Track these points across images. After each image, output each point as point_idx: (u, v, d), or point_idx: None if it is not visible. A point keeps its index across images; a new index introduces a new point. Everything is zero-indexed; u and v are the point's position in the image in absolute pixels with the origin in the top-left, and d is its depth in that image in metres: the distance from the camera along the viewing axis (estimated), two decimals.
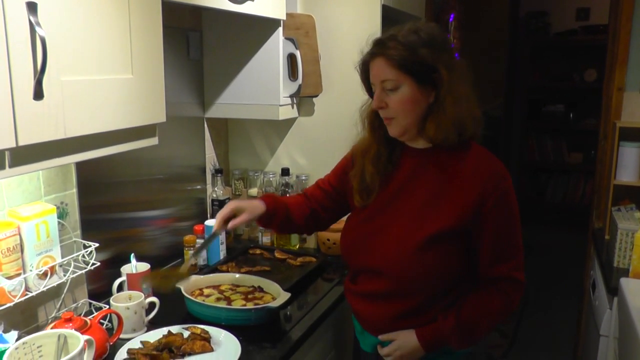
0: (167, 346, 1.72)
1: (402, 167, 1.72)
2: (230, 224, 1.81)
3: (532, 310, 4.48)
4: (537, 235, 5.53)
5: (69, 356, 1.38)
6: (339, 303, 2.21)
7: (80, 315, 1.95)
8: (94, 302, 2.01)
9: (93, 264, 1.86)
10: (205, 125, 2.72)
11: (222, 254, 2.51)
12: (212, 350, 1.74)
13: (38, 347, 1.50)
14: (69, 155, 1.50)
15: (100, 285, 2.11)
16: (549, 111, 6.62)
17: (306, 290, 2.27)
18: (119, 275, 2.06)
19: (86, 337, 1.51)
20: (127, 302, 1.89)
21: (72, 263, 1.81)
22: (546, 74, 6.54)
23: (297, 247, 2.69)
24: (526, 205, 5.54)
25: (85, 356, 1.52)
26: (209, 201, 2.76)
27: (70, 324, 1.62)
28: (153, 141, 1.76)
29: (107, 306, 1.91)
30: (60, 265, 1.79)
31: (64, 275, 1.79)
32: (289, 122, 2.77)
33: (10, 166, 1.33)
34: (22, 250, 1.67)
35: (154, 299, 1.94)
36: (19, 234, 1.66)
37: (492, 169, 1.63)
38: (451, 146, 1.63)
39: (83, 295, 2.05)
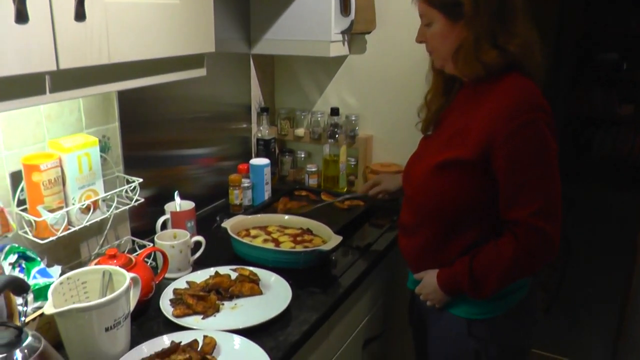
0: (214, 287, 1.64)
1: (455, 100, 1.69)
2: (371, 192, 2.12)
3: (576, 266, 4.33)
4: (581, 190, 5.31)
5: (115, 293, 1.30)
6: (390, 250, 2.11)
7: (123, 252, 1.89)
8: (137, 240, 1.94)
9: (137, 199, 1.78)
10: (252, 62, 2.60)
11: (267, 194, 2.41)
12: (261, 293, 1.66)
13: (83, 283, 1.43)
14: (112, 82, 1.40)
15: (142, 223, 2.04)
16: (600, 59, 6.30)
17: (354, 235, 2.17)
18: (162, 213, 1.98)
19: (132, 274, 1.43)
20: (172, 240, 1.81)
21: (116, 198, 1.73)
22: (600, 19, 6.20)
23: (345, 189, 2.58)
24: (571, 158, 5.30)
25: (131, 294, 1.45)
26: (253, 140, 2.65)
27: (115, 261, 1.54)
28: (201, 72, 1.65)
29: (151, 244, 1.84)
30: (103, 200, 1.71)
31: (107, 211, 1.71)
32: (339, 60, 2.62)
33: (51, 91, 1.24)
34: (63, 183, 1.59)
35: (199, 238, 1.85)
36: (61, 166, 1.57)
37: (510, 102, 1.49)
38: (488, 79, 1.55)
39: (126, 232, 1.99)
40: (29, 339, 1.03)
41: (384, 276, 2.18)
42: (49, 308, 1.26)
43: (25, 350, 1.01)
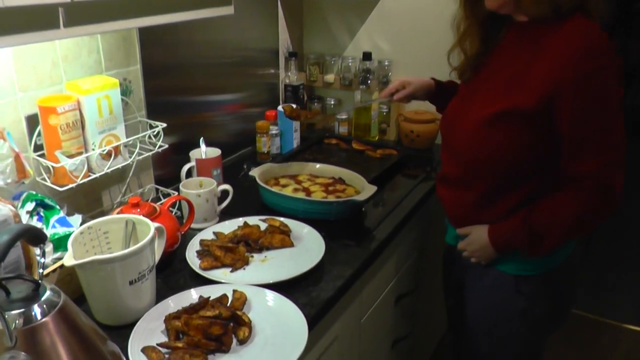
0: (243, 239, 1.55)
1: (504, 42, 1.53)
2: (396, 96, 1.83)
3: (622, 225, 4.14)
4: None
5: (139, 244, 1.21)
6: (425, 201, 2.00)
7: (147, 201, 1.80)
8: (161, 188, 1.85)
9: (161, 145, 1.68)
10: (279, 4, 2.45)
11: (296, 142, 2.31)
12: (292, 245, 1.57)
13: (105, 233, 1.35)
14: (131, 18, 1.30)
15: (166, 171, 1.95)
16: (637, 8, 6.00)
17: (387, 185, 2.06)
18: (187, 161, 1.88)
19: (156, 224, 1.34)
20: (198, 189, 1.72)
21: (138, 144, 1.63)
22: None
23: (377, 138, 2.46)
24: None
25: (156, 245, 1.36)
26: (281, 87, 2.53)
27: (138, 210, 1.45)
28: (228, 10, 1.54)
29: (176, 193, 1.74)
30: (125, 146, 1.61)
31: (130, 157, 1.62)
32: (372, 2, 2.47)
33: (65, 25, 1.14)
34: (82, 127, 1.50)
35: (227, 186, 1.76)
36: (79, 109, 1.48)
37: (579, 45, 1.33)
38: (551, 20, 1.39)
39: (149, 180, 1.90)
40: (48, 293, 0.94)
41: (417, 230, 2.08)
42: (68, 259, 1.18)
43: (44, 306, 0.92)
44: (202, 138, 1.91)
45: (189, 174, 1.87)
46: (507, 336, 1.63)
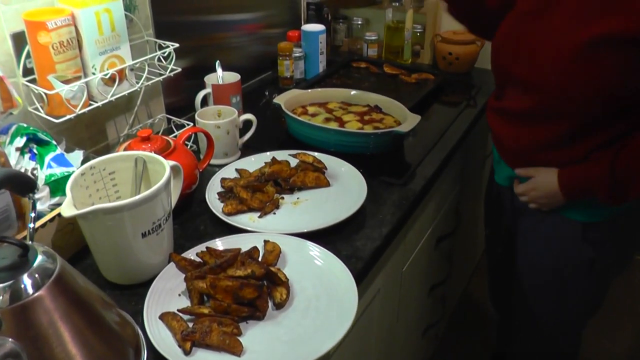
0: (272, 177, 1.33)
1: None
2: None
3: None
4: None
5: (153, 189, 0.99)
6: (470, 132, 1.77)
7: (158, 133, 1.58)
8: (174, 119, 1.62)
9: (172, 69, 1.44)
10: None
11: (322, 66, 2.05)
12: (328, 185, 1.35)
13: (110, 174, 1.13)
14: None
15: (179, 98, 1.72)
16: None
17: (426, 114, 1.82)
18: (202, 87, 1.65)
19: (172, 162, 1.12)
20: (217, 119, 1.49)
21: (146, 67, 1.39)
22: None
23: (409, 61, 2.20)
24: None
25: (172, 187, 1.14)
26: (303, 4, 2.25)
27: (149, 145, 1.23)
28: None
29: (191, 124, 1.52)
30: (132, 69, 1.37)
31: (137, 83, 1.38)
32: None
33: None
34: (80, 47, 1.26)
35: (250, 116, 1.53)
36: (74, 25, 1.23)
37: None
38: None
39: (160, 109, 1.67)
40: (40, 258, 0.73)
41: (459, 164, 1.85)
42: (67, 208, 0.96)
43: (36, 275, 0.72)
44: (218, 61, 1.67)
45: (204, 102, 1.64)
46: (571, 288, 1.44)
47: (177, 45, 1.44)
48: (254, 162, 1.43)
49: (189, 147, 1.51)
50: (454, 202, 1.89)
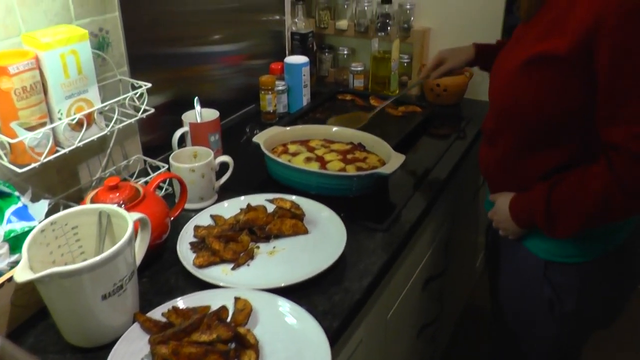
0: (246, 226, 1.27)
1: None
2: (433, 74, 1.71)
3: None
4: None
5: (114, 248, 0.93)
6: (459, 167, 1.71)
7: (133, 175, 1.53)
8: (149, 160, 1.56)
9: (145, 110, 1.38)
10: None
11: (306, 99, 2.00)
12: (306, 232, 1.29)
13: (73, 229, 1.07)
14: None
15: (157, 136, 1.67)
16: None
17: (413, 149, 1.77)
18: (180, 124, 1.59)
19: (137, 215, 1.06)
20: (192, 161, 1.44)
21: (117, 109, 1.34)
22: None
23: (397, 92, 2.16)
24: None
25: (138, 242, 1.09)
26: (287, 35, 2.21)
27: (117, 194, 1.17)
28: None
29: (166, 165, 1.46)
30: (101, 112, 1.32)
31: (107, 126, 1.32)
32: None
33: None
34: (45, 92, 1.20)
35: (226, 158, 1.47)
36: (39, 68, 1.18)
37: None
38: None
39: (136, 149, 1.61)
40: None
41: (450, 199, 1.80)
42: (22, 272, 0.90)
43: None
44: (197, 98, 1.62)
45: (182, 140, 1.59)
46: (532, 326, 1.40)
47: (149, 85, 1.39)
48: (231, 207, 1.37)
49: (163, 189, 1.46)
50: (443, 239, 1.83)
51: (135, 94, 1.37)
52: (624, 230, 1.30)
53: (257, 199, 1.37)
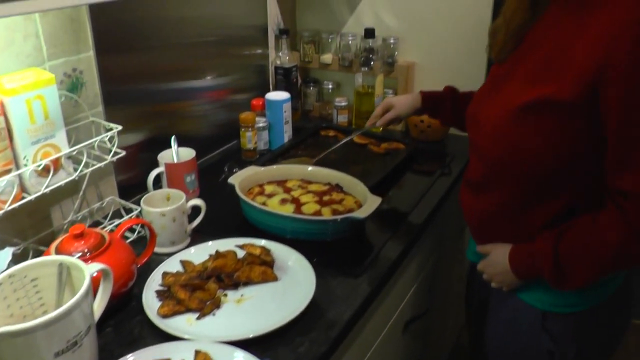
0: (214, 273, 1.25)
1: (545, 16, 1.20)
2: (379, 122, 1.72)
3: None
4: None
5: (69, 304, 0.91)
6: (442, 205, 1.69)
7: (107, 216, 1.51)
8: (122, 202, 1.54)
9: (116, 153, 1.37)
10: None
11: (287, 135, 1.99)
12: (275, 279, 1.27)
13: (32, 281, 1.05)
14: None
15: (134, 174, 1.65)
16: None
17: (396, 185, 1.75)
18: (157, 162, 1.58)
19: (97, 267, 1.04)
20: (164, 204, 1.42)
21: (86, 153, 1.32)
22: None
23: (381, 129, 2.14)
24: None
25: (99, 292, 1.07)
26: (271, 69, 2.20)
27: (82, 242, 1.16)
28: None
29: (139, 208, 1.44)
30: (69, 157, 1.31)
31: (75, 171, 1.31)
32: None
33: None
34: (10, 137, 1.19)
35: (198, 201, 1.45)
36: (4, 115, 1.17)
37: (636, 16, 1.00)
38: None
39: (111, 189, 1.59)
40: None
41: (433, 237, 1.77)
42: None
43: None
44: (174, 137, 1.61)
45: (158, 180, 1.57)
46: None
47: (119, 127, 1.38)
48: (201, 252, 1.35)
49: (136, 232, 1.44)
50: (426, 279, 1.80)
51: (105, 136, 1.35)
52: (621, 275, 1.27)
53: (228, 244, 1.35)
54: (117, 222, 1.47)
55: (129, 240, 1.41)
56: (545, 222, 1.20)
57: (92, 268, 1.02)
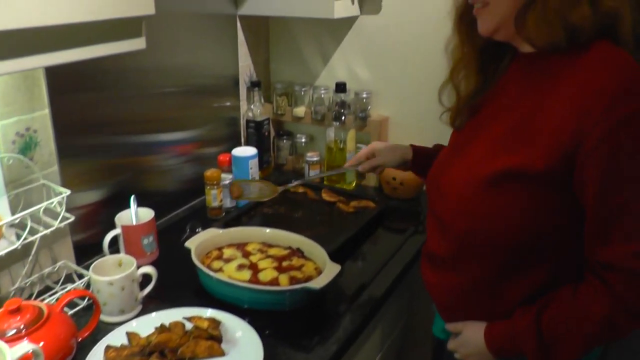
0: (157, 348, 1.19)
1: (506, 80, 1.18)
2: (361, 167, 1.55)
3: None
4: None
5: None
6: (408, 270, 1.64)
7: (59, 281, 1.46)
8: (75, 268, 1.49)
9: (65, 218, 1.33)
10: (239, 24, 2.10)
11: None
12: (222, 354, 1.21)
13: None
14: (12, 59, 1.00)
15: (92, 234, 1.61)
16: None
17: (362, 246, 1.71)
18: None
19: (24, 349, 0.99)
20: (116, 270, 1.38)
21: (30, 219, 1.28)
22: None
23: (354, 185, 2.11)
24: None
25: None
26: (242, 122, 2.17)
27: (18, 317, 1.11)
28: (136, 44, 1.21)
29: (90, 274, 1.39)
30: (11, 226, 1.26)
31: (17, 240, 1.27)
32: (348, 23, 2.11)
33: None
34: None
35: (149, 269, 1.40)
36: None
37: (608, 83, 0.98)
38: (563, 49, 1.03)
39: (66, 251, 1.54)
40: None
41: (398, 306, 1.71)
42: None
43: None
44: (133, 197, 1.58)
45: (114, 242, 1.53)
46: None
47: (68, 192, 1.35)
48: (150, 323, 1.29)
49: (84, 302, 1.38)
50: (394, 346, 1.74)
51: (51, 203, 1.31)
52: (595, 350, 1.22)
53: (177, 315, 1.30)
54: (69, 287, 1.43)
55: (78, 308, 1.36)
56: (520, 298, 1.14)
57: (17, 352, 0.97)
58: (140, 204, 1.61)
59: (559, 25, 1.00)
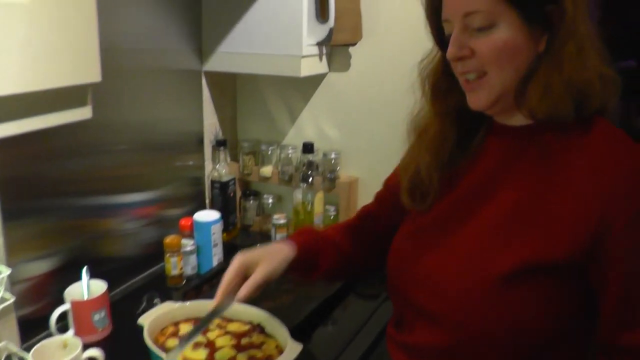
0: None
1: (485, 156, 1.09)
2: (242, 292, 1.16)
3: None
4: None
5: None
6: (378, 343, 1.55)
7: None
8: (15, 350, 1.38)
9: (3, 300, 1.23)
10: (204, 81, 2.04)
11: (217, 258, 1.86)
12: None
13: None
14: None
15: (41, 306, 1.50)
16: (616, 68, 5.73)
17: (333, 314, 1.62)
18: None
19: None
20: (60, 353, 1.28)
21: None
22: (618, 24, 5.62)
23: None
24: None
25: None
26: (207, 182, 2.10)
27: None
28: (82, 113, 1.14)
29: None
30: None
31: None
32: (316, 80, 2.06)
33: None
34: None
35: (95, 352, 1.30)
36: None
37: (627, 165, 0.94)
38: (563, 124, 0.97)
39: (8, 332, 1.43)
40: None
41: None
42: None
43: None
44: (85, 268, 1.49)
45: (63, 318, 1.43)
46: None
47: (8, 272, 1.24)
48: None
49: None
50: None
51: None
52: None
53: None
54: None
55: None
56: None
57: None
58: (93, 271, 1.51)
59: (568, 95, 0.95)
